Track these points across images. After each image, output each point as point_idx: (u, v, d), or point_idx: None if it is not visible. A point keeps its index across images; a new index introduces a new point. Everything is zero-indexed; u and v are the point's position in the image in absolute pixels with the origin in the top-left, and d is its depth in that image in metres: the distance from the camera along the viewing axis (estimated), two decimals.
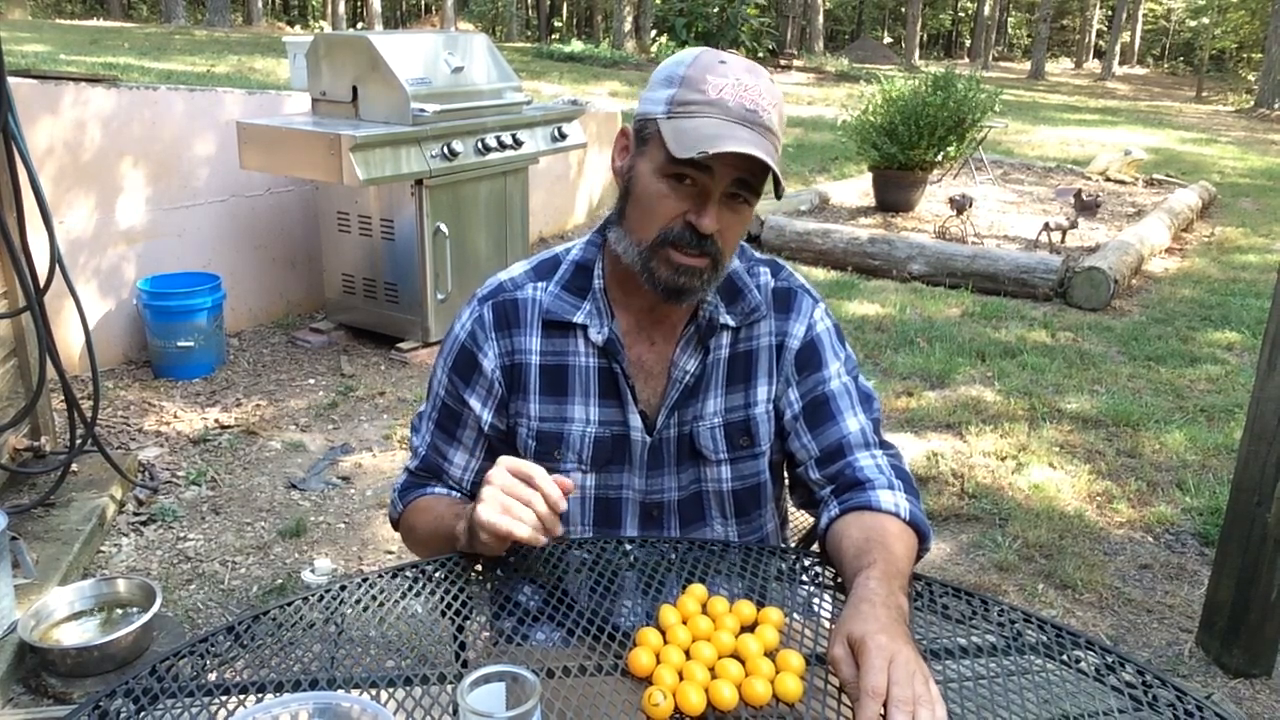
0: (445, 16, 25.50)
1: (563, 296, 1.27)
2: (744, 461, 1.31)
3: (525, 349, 1.27)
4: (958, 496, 3.32)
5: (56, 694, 2.19)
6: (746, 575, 1.21)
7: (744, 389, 1.30)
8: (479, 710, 0.83)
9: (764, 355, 1.30)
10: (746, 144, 1.08)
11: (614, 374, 1.26)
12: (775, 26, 27.58)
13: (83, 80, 3.83)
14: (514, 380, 1.28)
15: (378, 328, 4.49)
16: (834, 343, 1.32)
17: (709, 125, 1.10)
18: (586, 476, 1.28)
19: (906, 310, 5.43)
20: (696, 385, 1.28)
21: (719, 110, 1.11)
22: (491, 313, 1.28)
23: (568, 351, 1.27)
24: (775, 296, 1.32)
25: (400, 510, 1.36)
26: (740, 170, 1.12)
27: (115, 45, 14.04)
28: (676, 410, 1.28)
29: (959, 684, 1.01)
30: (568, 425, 1.27)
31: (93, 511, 2.81)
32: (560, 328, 1.26)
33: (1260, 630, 2.41)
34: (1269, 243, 7.65)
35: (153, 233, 4.13)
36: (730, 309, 1.28)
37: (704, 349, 1.27)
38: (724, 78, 1.12)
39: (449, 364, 1.31)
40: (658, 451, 1.28)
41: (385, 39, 4.05)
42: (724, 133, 1.09)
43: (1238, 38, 35.06)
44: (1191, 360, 4.77)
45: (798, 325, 1.31)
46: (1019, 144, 12.55)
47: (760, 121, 1.12)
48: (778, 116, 1.15)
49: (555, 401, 1.27)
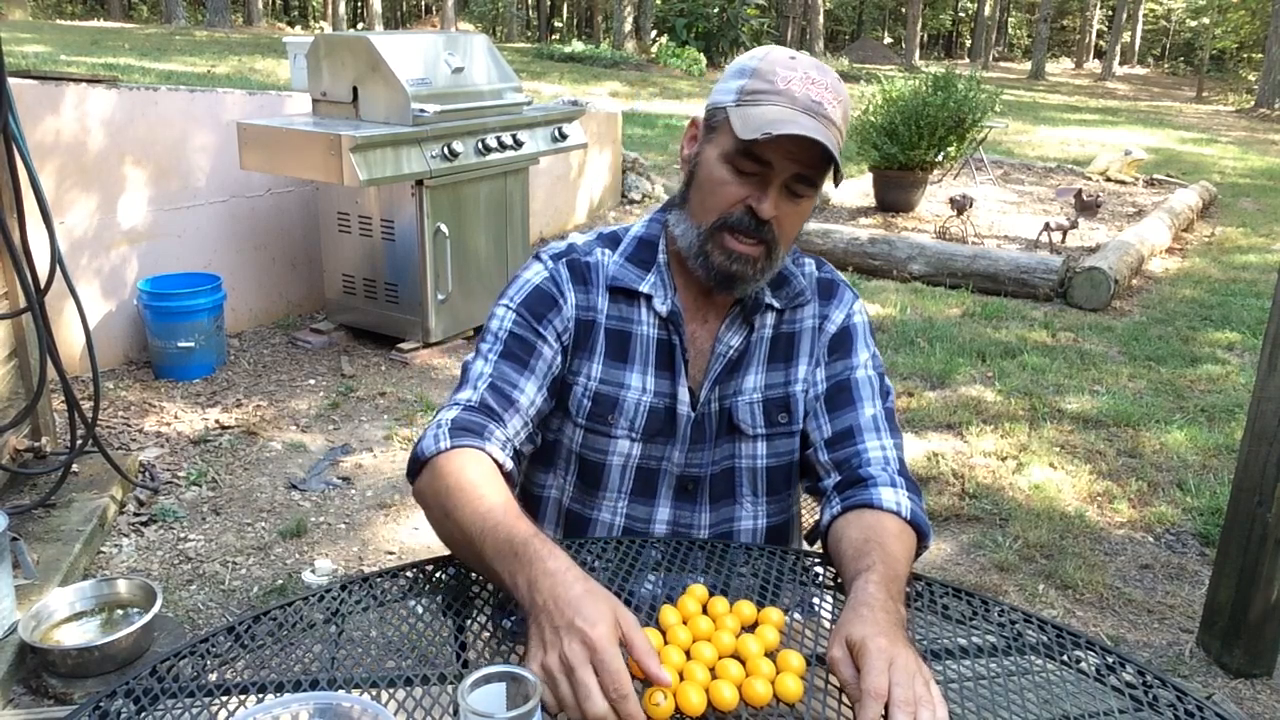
0: (445, 17, 25.50)
1: (628, 266, 1.31)
2: (780, 438, 1.33)
3: (597, 308, 1.30)
4: (958, 497, 3.32)
5: (57, 694, 2.19)
6: (759, 577, 1.21)
7: (785, 367, 1.33)
8: (479, 711, 0.83)
9: (807, 337, 1.34)
10: (808, 130, 1.12)
11: (672, 346, 1.29)
12: (775, 27, 27.59)
13: (83, 81, 3.83)
14: (582, 335, 1.29)
15: (378, 328, 4.49)
16: (866, 336, 1.36)
17: (774, 112, 1.14)
18: (634, 445, 1.30)
19: (907, 310, 5.43)
20: (739, 361, 1.31)
21: (785, 99, 1.15)
22: (567, 268, 1.30)
23: (633, 319, 1.30)
24: (820, 285, 1.36)
25: (441, 449, 1.13)
26: (800, 162, 1.15)
27: (116, 46, 14.06)
28: (718, 385, 1.31)
29: (959, 684, 1.01)
30: (624, 391, 1.29)
31: (93, 512, 2.81)
32: (627, 295, 1.30)
33: (1261, 630, 2.41)
34: (1269, 243, 7.65)
35: (153, 233, 4.13)
36: (776, 294, 1.32)
37: (749, 326, 1.31)
38: (793, 71, 1.17)
39: (520, 301, 1.27)
40: (700, 426, 1.31)
41: (385, 39, 4.05)
42: (787, 119, 1.13)
43: (1238, 38, 35.05)
44: (1192, 360, 4.77)
45: (838, 312, 1.35)
46: (1019, 144, 12.55)
47: (823, 113, 1.15)
48: (841, 112, 1.18)
49: (616, 366, 1.30)
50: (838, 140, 1.17)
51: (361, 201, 4.29)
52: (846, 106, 1.20)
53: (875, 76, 9.04)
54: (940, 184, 8.80)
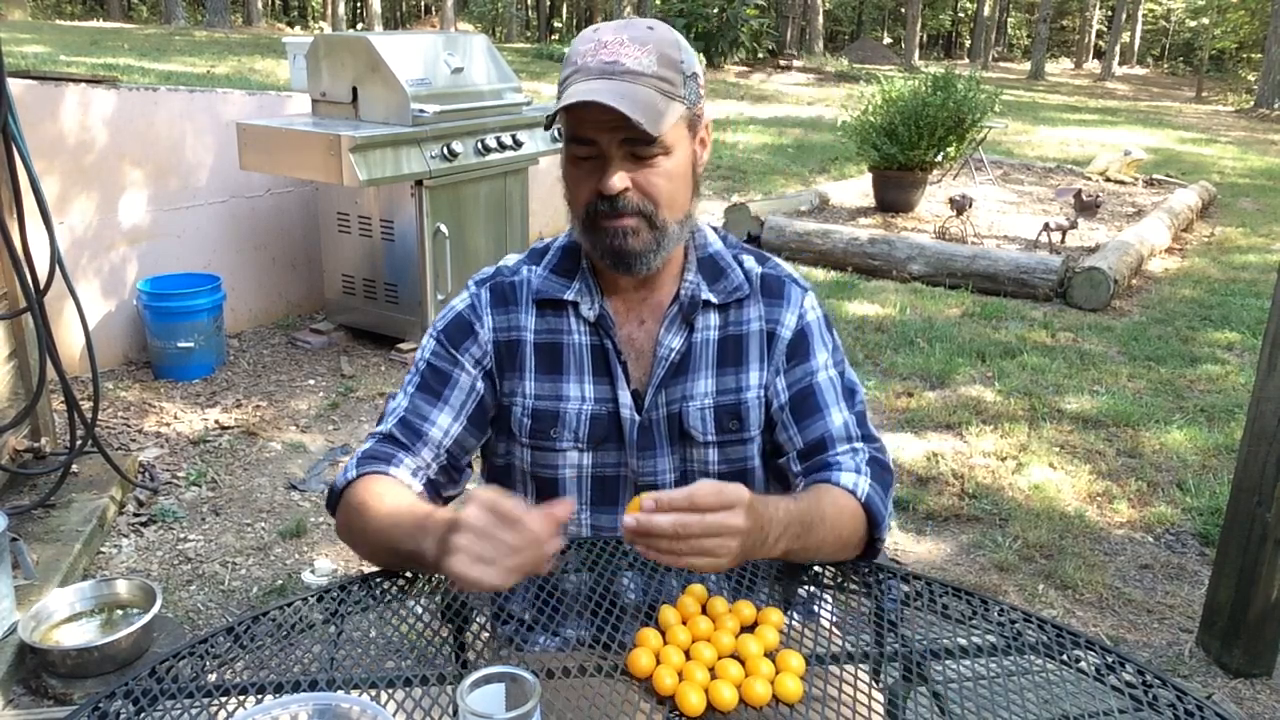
0: (445, 17, 25.50)
1: (551, 278, 1.29)
2: (732, 446, 1.30)
3: (522, 326, 1.29)
4: (958, 497, 3.32)
5: (57, 695, 2.19)
6: (744, 577, 1.21)
7: (735, 372, 1.29)
8: (479, 711, 0.83)
9: (754, 340, 1.30)
10: (597, 94, 1.10)
11: (605, 350, 1.27)
12: (775, 27, 27.58)
13: (83, 81, 3.83)
14: (507, 357, 1.28)
15: (378, 328, 4.49)
16: (823, 332, 1.32)
17: (570, 90, 1.13)
18: (583, 455, 1.29)
19: (906, 311, 5.43)
20: (683, 364, 1.28)
21: (581, 74, 1.14)
22: (489, 293, 1.31)
23: (562, 329, 1.28)
24: (764, 283, 1.32)
25: (350, 479, 1.22)
26: (617, 127, 1.12)
27: (115, 46, 14.06)
28: (664, 388, 1.28)
29: (959, 684, 1.01)
30: (563, 404, 1.27)
31: (93, 512, 2.81)
32: (554, 306, 1.28)
33: (1260, 630, 2.41)
34: (1269, 243, 7.65)
35: (153, 233, 4.13)
36: (713, 287, 1.29)
37: (689, 326, 1.28)
38: (588, 43, 1.16)
39: (441, 329, 1.31)
40: (648, 431, 1.28)
41: (385, 40, 4.05)
42: (580, 92, 1.11)
43: (1237, 38, 35.06)
44: (1191, 360, 4.77)
45: (789, 315, 1.31)
46: (1019, 144, 12.55)
47: (622, 69, 1.13)
48: (654, 55, 1.15)
49: (551, 379, 1.28)
50: (657, 86, 1.13)
51: (361, 202, 4.29)
52: (662, 45, 1.16)
53: (875, 77, 9.03)
54: (940, 184, 8.80)
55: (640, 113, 1.10)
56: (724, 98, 16.22)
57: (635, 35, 1.15)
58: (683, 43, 1.20)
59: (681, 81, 1.16)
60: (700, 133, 1.23)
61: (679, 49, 1.18)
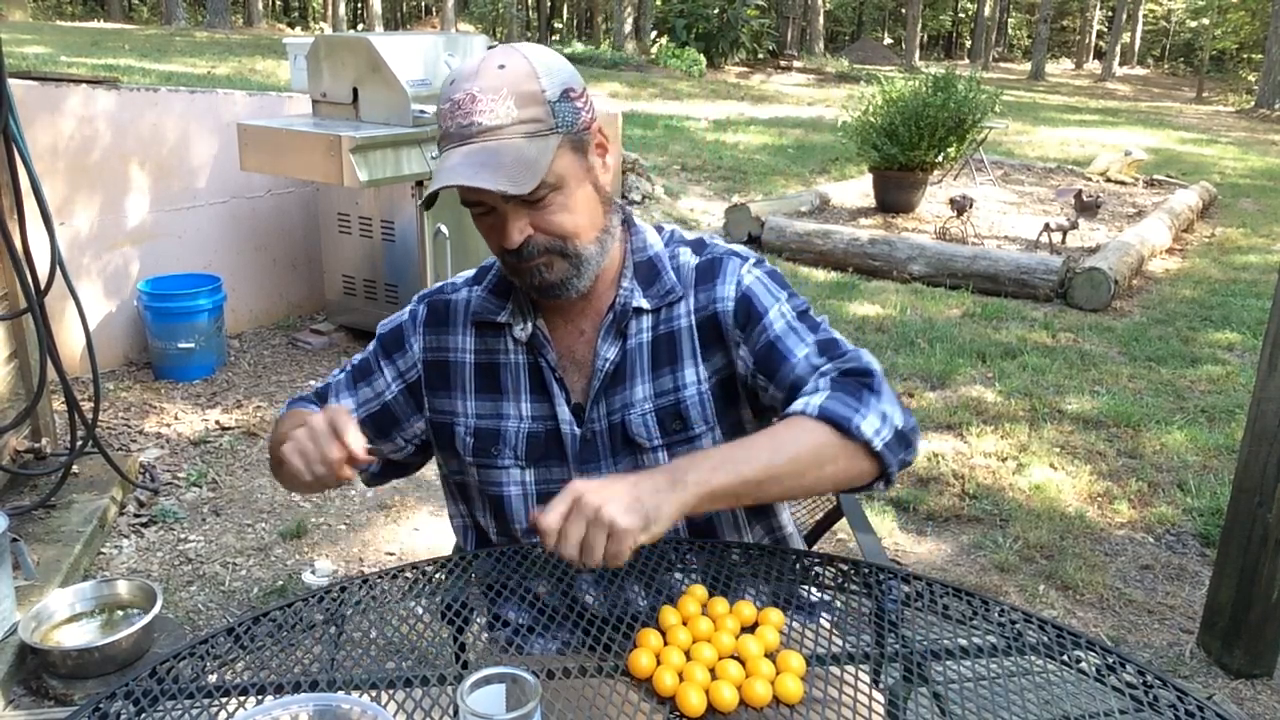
0: (445, 18, 25.51)
1: (488, 299, 1.30)
2: (680, 446, 1.27)
3: (457, 348, 1.31)
4: (958, 497, 3.32)
5: (57, 695, 2.19)
6: (747, 576, 1.21)
7: (671, 372, 1.27)
8: (479, 712, 0.83)
9: (684, 336, 1.27)
10: (454, 175, 1.09)
11: (541, 369, 1.28)
12: (775, 27, 27.59)
13: (84, 82, 3.83)
14: (438, 377, 1.31)
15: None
16: (769, 288, 1.27)
17: (437, 171, 1.13)
18: (525, 471, 1.29)
19: (907, 311, 5.43)
20: (619, 372, 1.27)
21: (446, 141, 1.13)
22: (427, 310, 1.34)
23: (498, 350, 1.30)
24: (699, 272, 1.28)
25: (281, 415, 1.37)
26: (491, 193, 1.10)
27: (116, 47, 14.07)
28: (604, 399, 1.27)
29: (960, 685, 1.01)
30: (503, 422, 1.29)
31: (93, 513, 2.81)
32: (491, 328, 1.30)
33: (1261, 631, 2.41)
34: (1269, 243, 7.65)
35: (153, 234, 4.13)
36: (647, 292, 1.27)
37: (622, 335, 1.27)
38: (445, 103, 1.14)
39: (382, 333, 1.37)
40: (590, 443, 1.27)
41: (385, 40, 4.05)
42: (446, 168, 1.10)
43: (1238, 38, 35.06)
44: (1192, 361, 4.77)
45: (726, 288, 1.26)
46: (1019, 145, 12.55)
47: (477, 131, 1.10)
48: (507, 104, 1.10)
49: (490, 399, 1.29)
50: (522, 133, 1.10)
51: (361, 202, 4.29)
52: (517, 84, 1.10)
53: (875, 77, 9.03)
54: (940, 185, 8.80)
55: (504, 177, 1.08)
56: (724, 98, 16.22)
57: (486, 85, 1.10)
58: (542, 65, 1.13)
59: (549, 113, 1.11)
60: (592, 149, 1.18)
61: (537, 77, 1.12)
